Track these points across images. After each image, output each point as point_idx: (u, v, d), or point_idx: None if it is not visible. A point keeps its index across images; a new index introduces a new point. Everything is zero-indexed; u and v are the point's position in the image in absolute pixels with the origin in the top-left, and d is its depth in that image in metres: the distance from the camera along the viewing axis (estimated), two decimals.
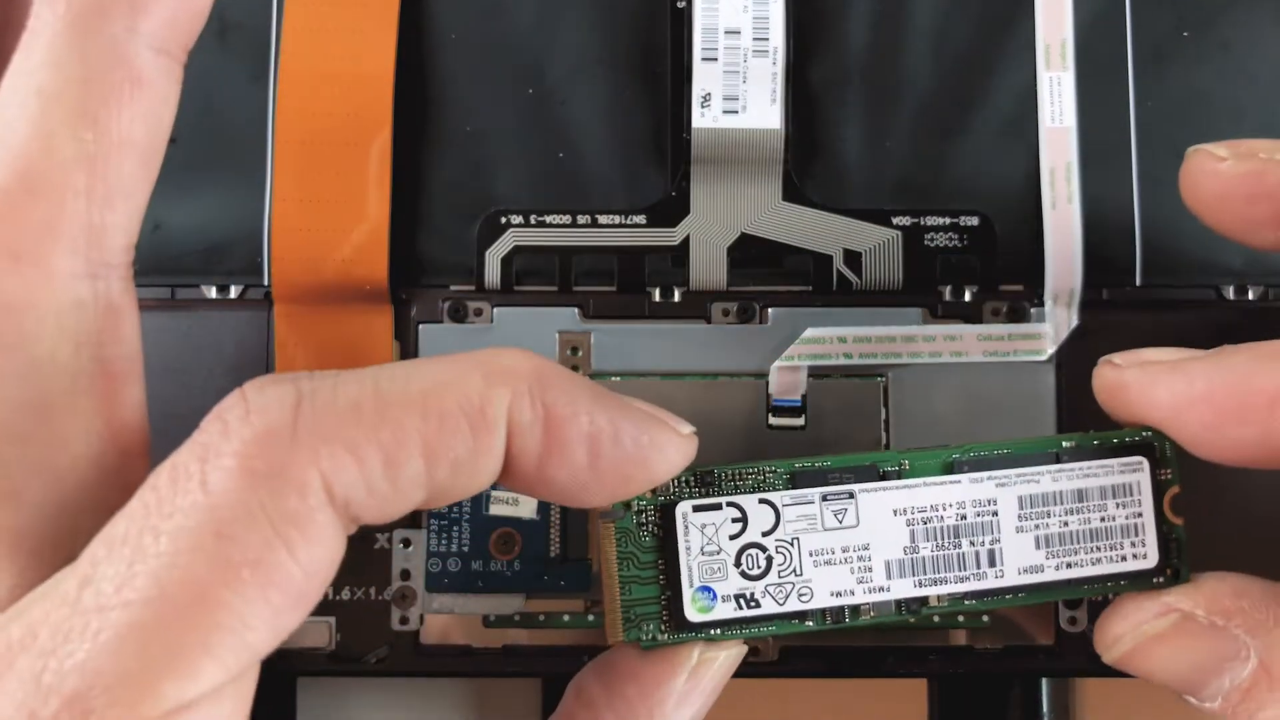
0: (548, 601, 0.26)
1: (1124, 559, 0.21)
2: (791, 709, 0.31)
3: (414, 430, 0.17)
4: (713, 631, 0.20)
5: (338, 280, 0.26)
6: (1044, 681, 0.29)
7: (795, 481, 0.20)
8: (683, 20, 0.27)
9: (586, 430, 0.18)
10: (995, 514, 0.20)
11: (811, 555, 0.20)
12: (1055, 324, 0.26)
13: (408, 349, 0.26)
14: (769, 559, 0.20)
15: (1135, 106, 0.27)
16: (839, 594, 0.20)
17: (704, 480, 0.20)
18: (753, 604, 0.20)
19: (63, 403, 0.17)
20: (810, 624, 0.20)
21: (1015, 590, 0.20)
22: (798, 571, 0.20)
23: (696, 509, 0.20)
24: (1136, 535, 0.21)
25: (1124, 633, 0.20)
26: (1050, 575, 0.20)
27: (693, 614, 0.19)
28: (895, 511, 0.20)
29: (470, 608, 0.26)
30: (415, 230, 0.27)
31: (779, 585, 0.20)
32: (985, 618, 0.26)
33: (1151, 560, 0.21)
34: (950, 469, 0.20)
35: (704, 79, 0.27)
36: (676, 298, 0.27)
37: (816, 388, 0.26)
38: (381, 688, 0.31)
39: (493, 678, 0.30)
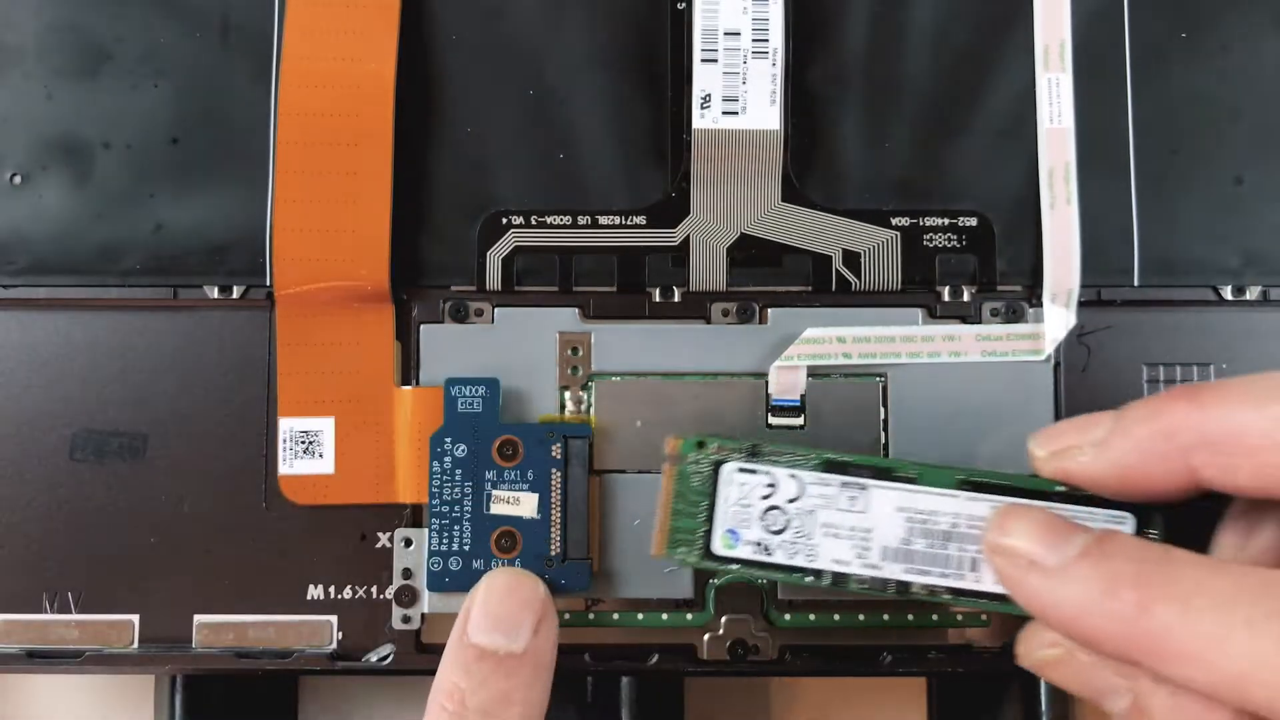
0: None
1: None
2: (791, 709, 0.31)
3: None
4: (732, 566, 0.23)
5: (339, 280, 0.26)
6: (1043, 680, 0.29)
7: (826, 467, 0.23)
8: (683, 21, 0.27)
9: None
10: (983, 530, 0.22)
11: (823, 527, 0.23)
12: (1053, 324, 0.26)
13: (408, 349, 0.26)
14: (788, 521, 0.23)
15: (1133, 107, 0.27)
16: (839, 562, 0.23)
17: (754, 451, 0.24)
18: (767, 552, 0.23)
19: None
20: (809, 579, 0.23)
21: (988, 596, 0.23)
22: (809, 537, 0.23)
23: (740, 470, 0.24)
24: None
25: (1024, 654, 0.22)
26: None
27: (719, 548, 0.23)
28: (899, 508, 0.23)
29: None
30: (416, 230, 0.27)
31: (792, 543, 0.23)
32: (984, 616, 0.26)
33: None
34: (955, 486, 0.23)
35: (704, 80, 0.27)
36: (676, 298, 0.27)
37: (816, 387, 0.26)
38: (383, 686, 0.31)
39: None
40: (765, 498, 0.23)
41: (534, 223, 0.27)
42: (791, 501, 0.23)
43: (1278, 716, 0.18)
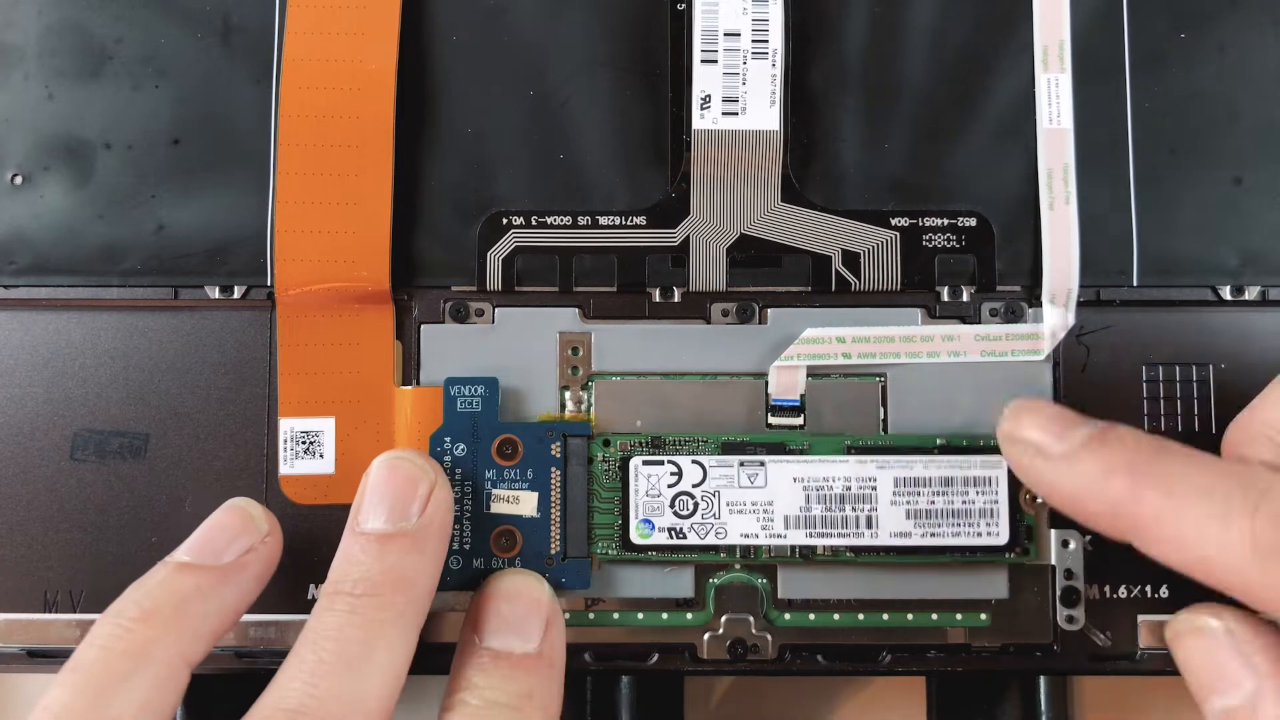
0: None
1: (979, 535, 0.25)
2: (791, 708, 0.31)
3: None
4: (650, 553, 0.25)
5: (340, 281, 0.26)
6: (1042, 680, 0.29)
7: (724, 450, 0.25)
8: (683, 22, 0.27)
9: None
10: (874, 488, 0.25)
11: (728, 505, 0.25)
12: (1052, 324, 0.26)
13: (409, 349, 0.27)
14: (695, 504, 0.25)
15: (1132, 108, 0.27)
16: (746, 536, 0.25)
17: (655, 443, 0.25)
18: (680, 536, 0.25)
19: None
20: (722, 555, 0.25)
21: (886, 549, 0.25)
22: (717, 516, 0.25)
23: (645, 463, 0.25)
24: (992, 518, 0.25)
25: (1171, 638, 0.24)
26: (916, 541, 0.25)
27: (635, 538, 0.25)
28: (795, 479, 0.25)
29: None
30: (417, 231, 0.27)
31: (701, 524, 0.25)
32: (984, 616, 0.26)
33: (1003, 539, 0.25)
34: (843, 452, 0.25)
35: (704, 81, 0.27)
36: (676, 298, 0.27)
37: (815, 387, 0.26)
38: None
39: None
40: (672, 485, 0.25)
41: (534, 223, 0.27)
42: (696, 486, 0.25)
43: (1236, 593, 0.20)
